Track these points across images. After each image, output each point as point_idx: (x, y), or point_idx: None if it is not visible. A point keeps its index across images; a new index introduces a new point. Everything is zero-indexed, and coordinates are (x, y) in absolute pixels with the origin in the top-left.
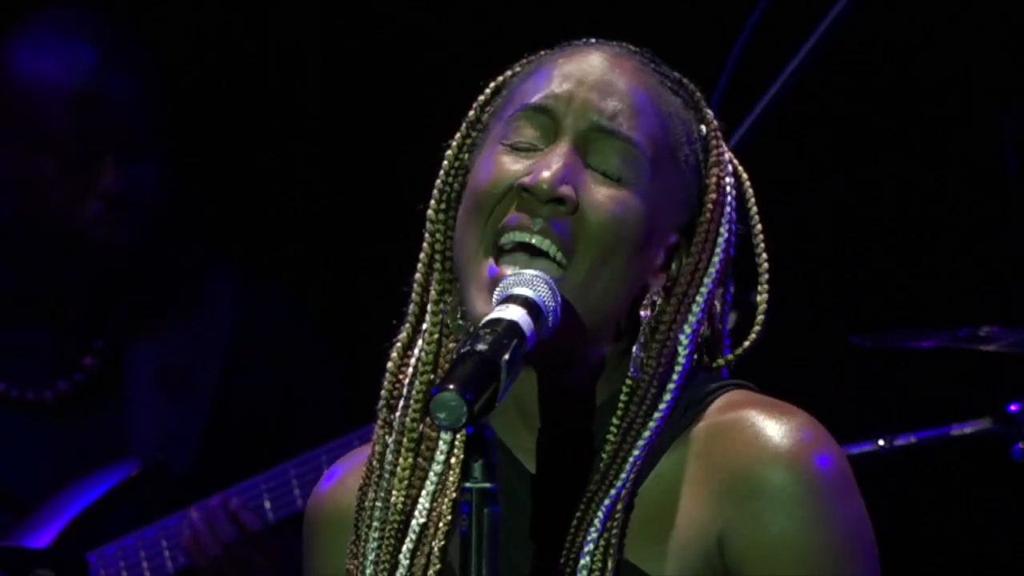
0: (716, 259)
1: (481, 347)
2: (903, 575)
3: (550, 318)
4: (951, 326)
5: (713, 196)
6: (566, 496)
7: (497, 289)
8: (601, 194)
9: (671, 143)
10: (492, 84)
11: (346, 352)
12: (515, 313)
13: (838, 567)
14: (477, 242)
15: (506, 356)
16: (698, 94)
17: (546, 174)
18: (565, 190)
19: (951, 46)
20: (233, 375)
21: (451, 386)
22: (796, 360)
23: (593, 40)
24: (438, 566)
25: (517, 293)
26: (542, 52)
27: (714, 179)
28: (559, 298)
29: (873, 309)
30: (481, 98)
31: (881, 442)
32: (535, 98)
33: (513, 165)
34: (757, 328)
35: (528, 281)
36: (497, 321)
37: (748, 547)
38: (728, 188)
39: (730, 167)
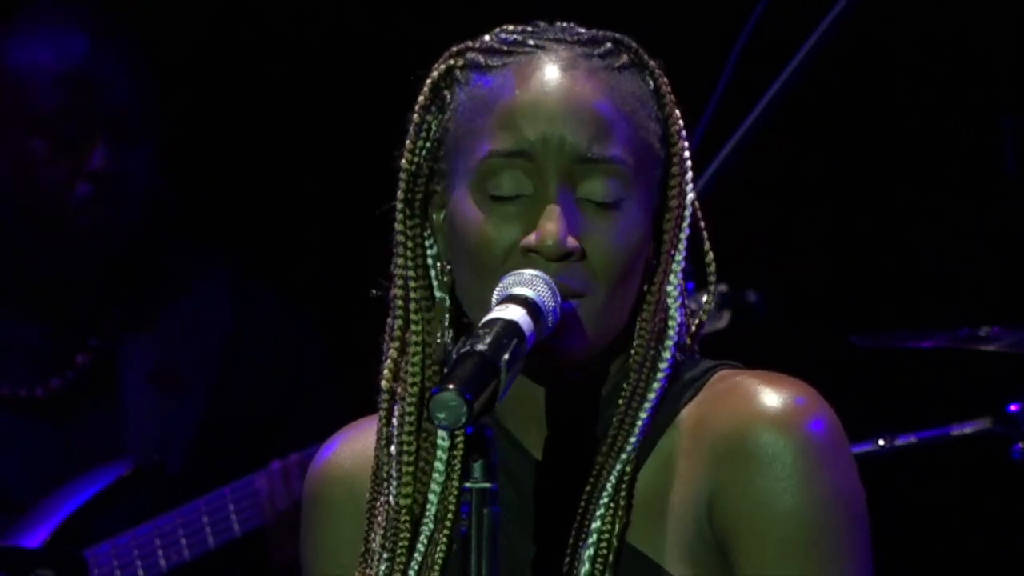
0: (688, 199)
1: (481, 347)
2: (903, 575)
3: (550, 318)
4: (951, 326)
5: (679, 144)
6: (575, 485)
7: (497, 289)
8: (602, 231)
9: (641, 134)
10: (428, 82)
11: (341, 349)
12: (515, 313)
13: (826, 533)
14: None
15: (506, 356)
16: (634, 45)
17: (551, 228)
18: (571, 243)
19: (951, 46)
20: (228, 374)
21: (451, 386)
22: (796, 360)
23: (530, 41)
24: (443, 557)
25: (517, 293)
26: (478, 53)
27: (674, 127)
28: (559, 298)
29: (873, 309)
30: (421, 99)
31: (881, 442)
32: (505, 144)
33: (507, 223)
34: (711, 288)
35: (528, 281)
36: (496, 321)
37: (734, 509)
38: (683, 128)
39: (676, 103)
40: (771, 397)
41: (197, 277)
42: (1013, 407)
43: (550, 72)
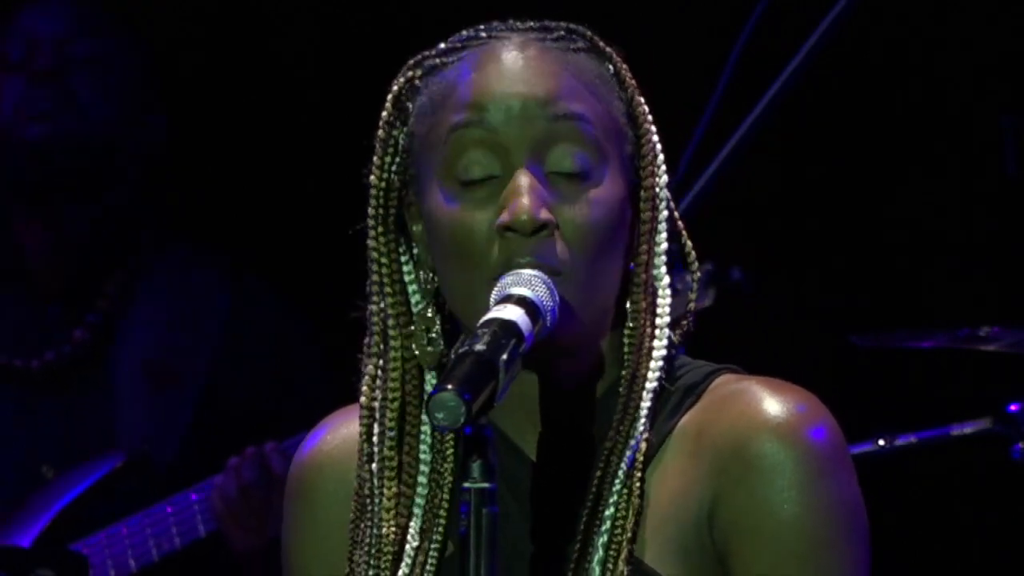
0: (662, 181)
1: (479, 347)
2: (903, 575)
3: (548, 318)
4: (951, 326)
5: (646, 126)
6: (573, 483)
7: (495, 289)
8: (575, 203)
9: (607, 107)
10: (389, 96)
11: (337, 346)
12: (513, 313)
13: (824, 540)
14: (473, 280)
15: (504, 356)
16: (589, 33)
17: (523, 202)
18: (544, 215)
19: (951, 46)
20: (222, 368)
21: (449, 386)
22: (796, 360)
23: (483, 33)
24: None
25: (515, 293)
26: (435, 58)
27: (639, 109)
28: (557, 298)
29: (873, 309)
30: (384, 114)
31: (881, 442)
32: (464, 115)
33: (480, 208)
34: (694, 278)
35: (526, 281)
36: (494, 321)
37: (734, 517)
38: (648, 111)
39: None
40: (773, 405)
41: (195, 272)
42: (1013, 407)
43: (505, 53)
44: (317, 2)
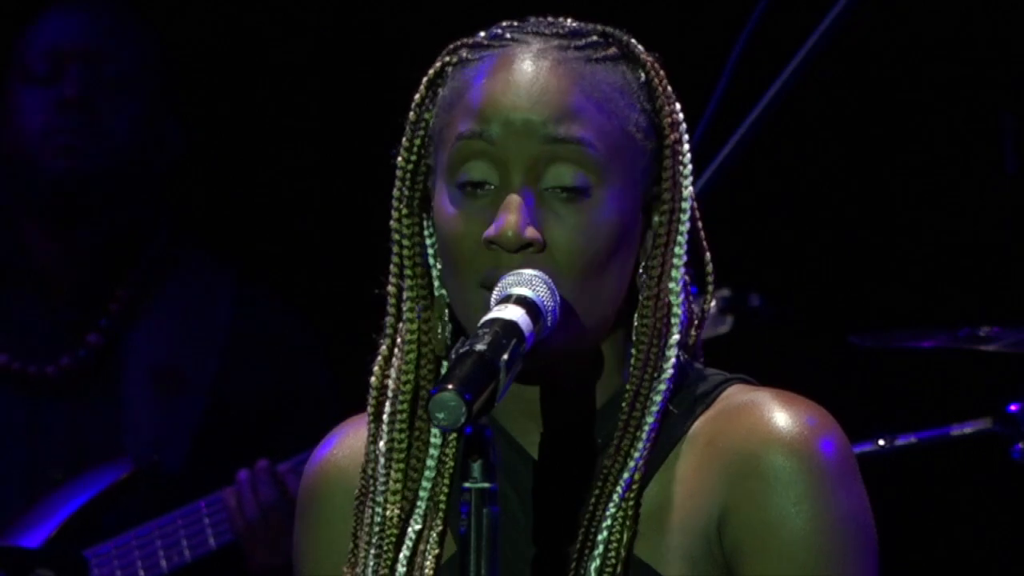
0: (686, 192)
1: (480, 347)
2: (903, 575)
3: (549, 318)
4: (951, 326)
5: (673, 136)
6: (577, 487)
7: (496, 289)
8: (566, 223)
9: (621, 124)
10: (424, 80)
11: (341, 351)
12: (514, 313)
13: (834, 553)
14: (462, 284)
15: (505, 356)
16: (625, 38)
17: (510, 219)
18: (530, 233)
19: (951, 46)
20: (228, 374)
21: (450, 386)
22: (796, 360)
23: (508, 35)
24: (431, 568)
25: (516, 293)
26: (467, 50)
27: (667, 119)
28: (558, 298)
29: (873, 309)
30: (417, 97)
31: (881, 442)
32: (468, 125)
33: (472, 217)
34: (709, 288)
35: (527, 281)
36: (495, 321)
37: (744, 528)
38: (680, 120)
39: (674, 96)
40: (783, 418)
41: (202, 280)
42: (1013, 407)
43: (518, 62)
44: (327, 12)
